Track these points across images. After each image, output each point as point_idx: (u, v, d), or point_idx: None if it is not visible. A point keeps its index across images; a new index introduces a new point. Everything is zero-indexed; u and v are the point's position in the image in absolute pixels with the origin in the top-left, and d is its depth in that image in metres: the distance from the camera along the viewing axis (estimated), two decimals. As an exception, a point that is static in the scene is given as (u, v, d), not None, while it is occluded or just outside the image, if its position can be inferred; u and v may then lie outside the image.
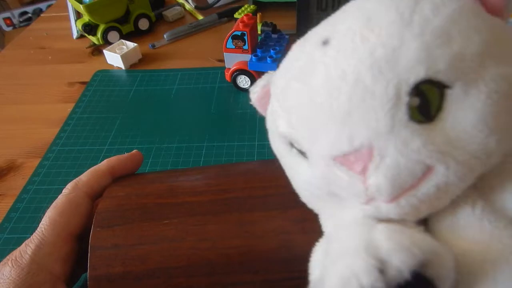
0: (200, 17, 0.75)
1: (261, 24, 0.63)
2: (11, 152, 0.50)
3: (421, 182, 0.16)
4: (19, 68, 0.66)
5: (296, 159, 0.21)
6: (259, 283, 0.24)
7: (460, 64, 0.16)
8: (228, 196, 0.26)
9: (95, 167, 0.30)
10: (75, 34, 0.73)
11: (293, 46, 0.22)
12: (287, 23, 0.66)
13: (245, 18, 0.53)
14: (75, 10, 0.73)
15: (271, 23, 0.62)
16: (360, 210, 0.18)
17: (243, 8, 0.74)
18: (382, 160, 0.16)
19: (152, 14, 0.73)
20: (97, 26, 0.68)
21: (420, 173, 0.16)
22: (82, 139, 0.50)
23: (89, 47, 0.70)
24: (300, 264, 0.24)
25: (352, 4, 0.20)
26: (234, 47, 0.53)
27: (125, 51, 0.62)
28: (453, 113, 0.16)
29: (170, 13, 0.76)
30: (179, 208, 0.26)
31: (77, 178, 0.29)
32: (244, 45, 0.52)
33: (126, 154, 0.31)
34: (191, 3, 0.78)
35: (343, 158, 0.17)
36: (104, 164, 0.30)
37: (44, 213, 0.27)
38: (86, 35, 0.70)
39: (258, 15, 0.65)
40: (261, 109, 0.25)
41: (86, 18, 0.68)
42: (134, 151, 0.32)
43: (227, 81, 0.56)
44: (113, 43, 0.65)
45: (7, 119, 0.55)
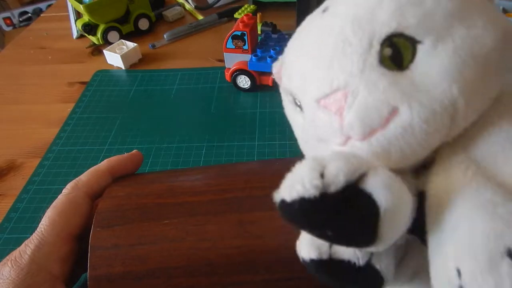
0: (200, 17, 0.75)
1: (261, 24, 0.63)
2: (11, 152, 0.50)
3: (389, 122, 0.18)
4: (19, 68, 0.66)
5: (297, 114, 0.24)
6: (259, 283, 0.24)
7: (430, 22, 0.18)
8: (228, 196, 0.26)
9: (95, 167, 0.30)
10: (75, 34, 0.73)
11: (305, 20, 0.25)
12: (287, 23, 0.66)
13: (245, 18, 0.53)
14: (75, 10, 0.73)
15: (271, 23, 0.62)
16: (339, 147, 0.20)
17: (243, 8, 0.74)
18: (354, 100, 0.19)
19: (152, 14, 0.73)
20: (97, 26, 0.68)
21: (387, 113, 0.18)
22: (82, 139, 0.50)
23: (89, 47, 0.70)
24: (300, 264, 0.24)
25: None
26: (234, 47, 0.53)
27: (125, 51, 0.62)
28: (422, 65, 0.18)
29: (170, 13, 0.76)
30: (179, 208, 0.26)
31: (77, 178, 0.29)
32: (244, 45, 0.52)
33: (126, 154, 0.31)
34: (191, 3, 0.78)
35: (325, 101, 0.20)
36: (104, 164, 0.30)
37: (44, 213, 0.27)
38: (86, 35, 0.70)
39: (258, 15, 0.65)
40: (279, 82, 0.27)
41: (86, 18, 0.68)
42: (134, 151, 0.32)
43: (227, 81, 0.56)
44: (113, 43, 0.65)
45: (7, 119, 0.55)
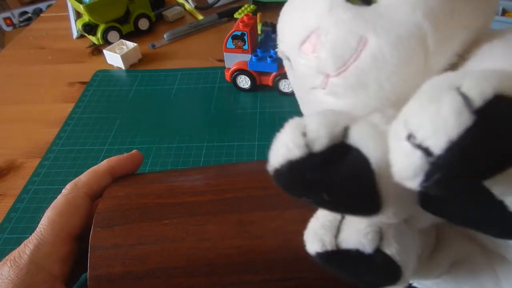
0: (200, 17, 0.75)
1: (261, 24, 0.63)
2: (11, 152, 0.49)
3: (360, 53, 0.19)
4: (19, 68, 0.66)
5: (291, 71, 0.24)
6: (259, 283, 0.24)
7: None
8: (228, 196, 0.26)
9: (95, 167, 0.30)
10: (75, 34, 0.73)
11: None
12: (287, 23, 0.66)
13: (245, 18, 0.52)
14: (75, 10, 0.73)
15: (271, 23, 0.62)
16: (323, 95, 0.21)
17: (243, 8, 0.74)
18: (326, 38, 0.19)
19: (152, 14, 0.73)
20: (97, 26, 0.68)
21: (355, 43, 0.19)
22: (82, 139, 0.50)
23: (89, 47, 0.70)
24: (300, 264, 0.24)
25: None
26: (234, 47, 0.53)
27: (125, 51, 0.62)
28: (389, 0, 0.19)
29: (170, 13, 0.76)
30: (179, 208, 0.26)
31: (77, 179, 0.29)
32: (244, 45, 0.52)
33: (126, 154, 0.31)
34: (191, 3, 0.78)
35: (303, 45, 0.21)
36: (104, 164, 0.30)
37: (44, 213, 0.27)
38: (86, 35, 0.70)
39: (258, 15, 0.65)
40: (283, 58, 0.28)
41: (86, 18, 0.68)
42: (134, 151, 0.32)
43: (227, 81, 0.56)
44: (113, 43, 0.65)
45: (7, 119, 0.55)
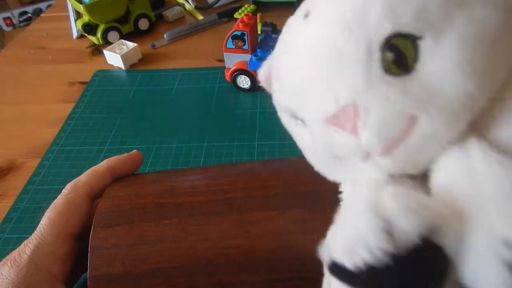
0: (200, 17, 0.75)
1: (261, 24, 0.63)
2: (11, 152, 0.49)
3: (409, 133, 0.17)
4: (19, 68, 0.66)
5: (300, 129, 0.22)
6: (259, 283, 0.24)
7: (426, 15, 0.17)
8: (228, 196, 0.26)
9: (95, 167, 0.30)
10: (75, 34, 0.73)
11: (286, 25, 0.23)
12: (287, 23, 0.66)
13: (245, 18, 0.52)
14: (75, 10, 0.73)
15: (271, 23, 0.62)
16: (362, 169, 0.19)
17: (243, 8, 0.74)
18: (368, 116, 0.17)
19: (152, 14, 0.73)
20: (97, 26, 0.68)
21: (405, 124, 0.17)
22: (82, 139, 0.50)
23: (89, 47, 0.70)
24: (301, 264, 0.24)
25: None
26: (234, 47, 0.53)
27: (125, 51, 0.62)
28: (429, 63, 0.17)
29: (170, 13, 0.76)
30: (179, 208, 0.26)
31: (77, 179, 0.29)
32: (244, 45, 0.52)
33: (126, 154, 0.31)
34: (191, 3, 0.78)
35: (334, 119, 0.18)
36: (104, 164, 0.30)
37: (44, 213, 0.27)
38: (86, 35, 0.70)
39: (258, 15, 0.65)
40: (269, 89, 0.26)
41: (86, 18, 0.68)
42: (134, 151, 0.32)
43: (227, 81, 0.56)
44: (113, 43, 0.65)
45: (7, 119, 0.55)
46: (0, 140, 0.52)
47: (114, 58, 0.63)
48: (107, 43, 0.67)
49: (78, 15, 0.73)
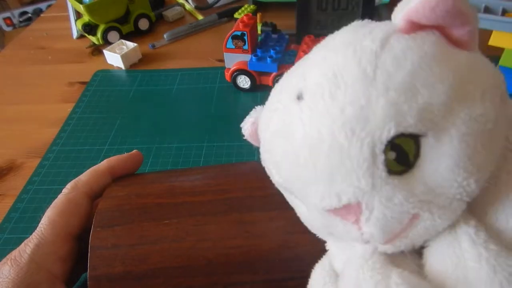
0: (200, 17, 0.75)
1: (261, 24, 0.63)
2: (11, 152, 0.49)
3: (410, 226, 0.18)
4: (19, 68, 0.66)
5: (297, 202, 0.22)
6: (259, 283, 0.24)
7: (429, 115, 0.16)
8: (228, 196, 0.26)
9: (95, 167, 0.30)
10: (75, 34, 0.73)
11: (272, 93, 0.22)
12: (287, 23, 0.66)
13: (245, 18, 0.53)
14: (75, 10, 0.73)
15: (271, 23, 0.62)
16: (361, 248, 0.19)
17: (243, 8, 0.74)
18: (371, 213, 0.17)
19: (152, 14, 0.73)
20: (97, 26, 0.68)
21: (407, 220, 0.17)
22: (82, 139, 0.50)
23: (89, 47, 0.70)
24: (300, 264, 0.24)
25: (318, 51, 0.20)
26: (234, 47, 0.53)
27: (125, 51, 0.62)
28: (430, 160, 0.17)
29: (170, 13, 0.76)
30: (179, 208, 0.26)
31: (77, 178, 0.29)
32: (244, 45, 0.52)
33: (126, 154, 0.31)
34: (191, 3, 0.78)
35: (335, 211, 0.18)
36: (104, 164, 0.30)
37: (44, 213, 0.27)
38: (86, 35, 0.70)
39: (258, 15, 0.65)
40: (255, 143, 0.25)
41: (86, 18, 0.68)
42: (134, 151, 0.32)
43: (227, 81, 0.56)
44: (113, 43, 0.65)
45: (7, 119, 0.55)
46: (0, 140, 0.52)
47: (114, 58, 0.63)
48: (107, 43, 0.67)
49: (78, 15, 0.73)
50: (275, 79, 0.52)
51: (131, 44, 0.64)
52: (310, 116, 0.18)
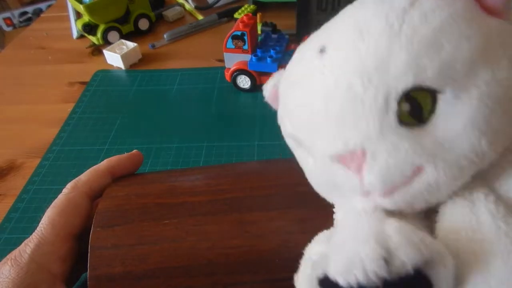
0: (200, 17, 0.75)
1: (261, 24, 0.63)
2: (11, 152, 0.49)
3: (412, 181, 0.17)
4: (19, 68, 0.66)
5: (304, 154, 0.22)
6: (259, 283, 0.24)
7: (450, 71, 0.16)
8: (228, 196, 0.26)
9: (95, 167, 0.30)
10: (75, 34, 0.73)
11: (296, 49, 0.23)
12: (287, 23, 0.66)
13: (245, 18, 0.53)
14: (75, 10, 0.73)
15: (271, 23, 0.62)
16: (360, 202, 0.19)
17: (243, 8, 0.74)
18: (375, 161, 0.17)
19: (152, 14, 0.73)
20: (97, 26, 0.68)
21: (410, 172, 0.17)
22: (82, 139, 0.50)
23: (89, 47, 0.70)
24: (300, 264, 0.24)
25: (346, 12, 0.20)
26: (234, 47, 0.53)
27: (125, 51, 0.62)
28: (445, 117, 0.17)
29: (170, 13, 0.76)
30: (179, 208, 0.26)
31: (77, 178, 0.29)
32: (244, 45, 0.52)
33: (126, 154, 0.31)
34: (191, 3, 0.78)
35: (340, 158, 0.18)
36: (104, 164, 0.30)
37: (44, 213, 0.27)
38: (86, 35, 0.70)
39: (258, 15, 0.65)
40: (274, 106, 0.26)
41: (86, 18, 0.68)
42: (134, 151, 0.32)
43: (227, 81, 0.56)
44: (113, 43, 0.65)
45: (7, 119, 0.55)
46: (0, 140, 0.52)
47: (114, 58, 0.63)
48: (107, 43, 0.67)
49: (78, 15, 0.73)
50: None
51: (131, 44, 0.64)
52: (330, 66, 0.19)
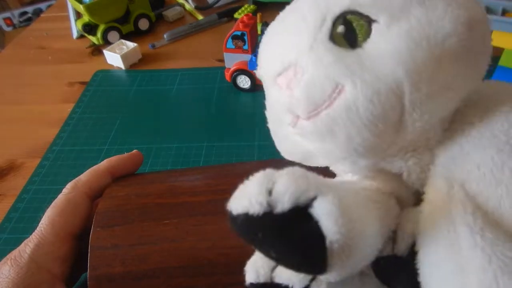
0: (200, 17, 0.75)
1: (261, 24, 0.63)
2: (11, 152, 0.49)
3: (333, 101, 0.18)
4: (19, 68, 0.66)
5: (268, 97, 0.23)
6: (259, 283, 0.24)
7: (385, 1, 0.18)
8: (228, 196, 0.26)
9: (95, 167, 0.30)
10: (75, 34, 0.73)
11: None
12: (287, 23, 0.66)
13: (245, 18, 0.53)
14: (75, 10, 0.73)
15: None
16: (292, 133, 0.21)
17: (243, 8, 0.74)
18: (303, 76, 0.18)
19: (152, 14, 0.73)
20: (97, 26, 0.68)
21: (331, 90, 0.18)
22: (82, 139, 0.50)
23: (89, 47, 0.70)
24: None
25: None
26: (234, 47, 0.53)
27: (125, 51, 0.62)
28: (374, 44, 0.18)
29: (170, 13, 0.76)
30: (179, 208, 0.26)
31: (77, 178, 0.29)
32: (244, 45, 0.52)
33: (126, 154, 0.31)
34: (191, 3, 0.78)
35: (278, 78, 0.20)
36: (104, 164, 0.30)
37: (44, 213, 0.27)
38: (86, 35, 0.70)
39: (258, 15, 0.65)
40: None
41: (86, 18, 0.68)
42: (134, 151, 0.32)
43: (227, 81, 0.56)
44: (113, 43, 0.65)
45: (7, 119, 0.55)
46: (0, 140, 0.52)
47: (114, 58, 0.63)
48: (107, 43, 0.67)
49: (78, 15, 0.73)
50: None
51: (131, 44, 0.64)
52: (293, 3, 0.21)
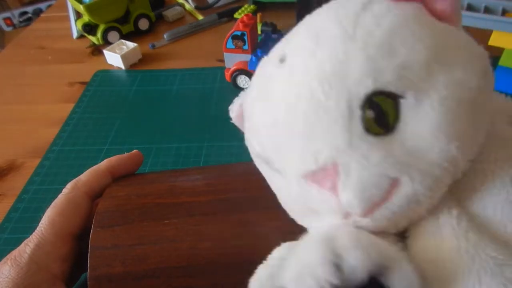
0: (200, 17, 0.75)
1: (261, 24, 0.63)
2: (11, 152, 0.49)
3: (391, 195, 0.16)
4: (19, 68, 0.66)
5: (276, 177, 0.21)
6: (259, 283, 0.24)
7: (407, 74, 0.16)
8: (228, 196, 0.26)
9: (95, 167, 0.30)
10: (75, 34, 0.73)
11: (259, 65, 0.23)
12: (287, 23, 0.66)
13: (245, 18, 0.53)
14: (75, 10, 0.73)
15: (271, 23, 0.62)
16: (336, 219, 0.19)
17: (243, 8, 0.74)
18: (348, 176, 0.16)
19: (152, 14, 0.73)
20: (97, 26, 0.68)
21: (387, 186, 0.16)
22: (82, 139, 0.50)
23: (89, 47, 0.70)
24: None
25: (304, 21, 0.21)
26: (234, 47, 0.53)
27: (125, 51, 0.62)
28: (411, 123, 0.17)
29: (170, 13, 0.76)
30: (179, 208, 0.26)
31: (77, 178, 0.29)
32: (244, 45, 0.52)
33: (126, 154, 0.31)
34: (191, 3, 0.78)
35: (313, 176, 0.17)
36: (104, 164, 0.30)
37: (44, 213, 0.27)
38: (86, 35, 0.70)
39: (258, 15, 0.65)
40: (241, 127, 0.25)
41: (86, 18, 0.68)
42: (134, 151, 0.32)
43: (227, 81, 0.56)
44: (113, 43, 0.65)
45: (7, 119, 0.55)
46: (0, 140, 0.52)
47: (114, 58, 0.63)
48: (107, 43, 0.67)
49: (78, 15, 0.73)
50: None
51: (131, 44, 0.64)
52: (289, 75, 0.18)
